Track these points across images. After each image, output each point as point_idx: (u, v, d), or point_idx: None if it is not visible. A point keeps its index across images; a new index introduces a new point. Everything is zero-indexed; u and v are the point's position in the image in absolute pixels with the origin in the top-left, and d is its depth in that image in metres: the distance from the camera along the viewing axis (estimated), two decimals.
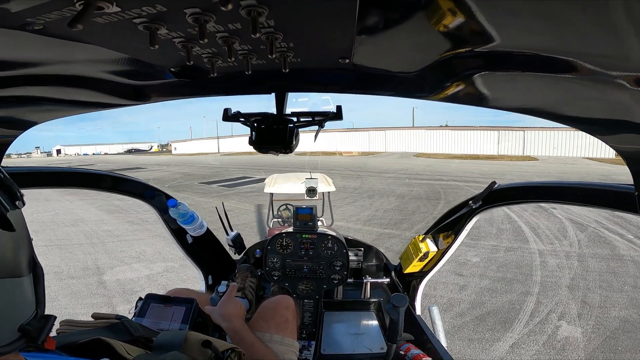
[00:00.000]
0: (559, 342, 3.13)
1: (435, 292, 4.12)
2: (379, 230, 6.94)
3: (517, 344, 3.11)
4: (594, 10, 0.35)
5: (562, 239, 6.09)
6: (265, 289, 1.88)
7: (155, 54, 0.60)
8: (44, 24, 0.43)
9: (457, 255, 5.37)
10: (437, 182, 13.15)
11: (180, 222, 1.55)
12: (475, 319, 3.51)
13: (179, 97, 0.95)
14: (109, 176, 1.41)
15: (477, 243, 5.89)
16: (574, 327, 3.35)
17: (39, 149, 67.25)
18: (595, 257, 5.21)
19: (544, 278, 4.46)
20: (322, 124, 0.89)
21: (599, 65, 0.46)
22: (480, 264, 5.01)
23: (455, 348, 3.05)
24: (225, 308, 0.99)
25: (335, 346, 1.54)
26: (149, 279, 4.74)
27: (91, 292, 4.40)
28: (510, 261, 5.08)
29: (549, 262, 5.01)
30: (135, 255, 5.82)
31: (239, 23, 0.45)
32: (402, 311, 1.05)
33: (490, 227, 6.76)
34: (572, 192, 0.98)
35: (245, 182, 14.85)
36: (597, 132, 0.71)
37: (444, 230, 1.55)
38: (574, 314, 3.58)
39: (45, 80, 0.70)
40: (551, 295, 3.99)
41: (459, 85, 0.71)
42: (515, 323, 3.42)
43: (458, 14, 0.42)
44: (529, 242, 5.96)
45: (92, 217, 8.65)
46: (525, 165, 19.32)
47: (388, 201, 9.81)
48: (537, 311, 3.64)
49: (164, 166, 25.42)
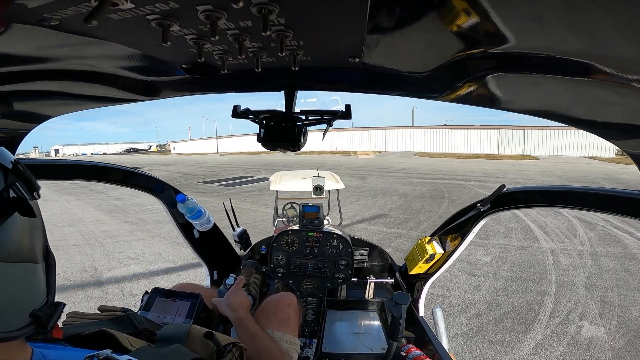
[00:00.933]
0: (584, 342, 3.00)
1: (449, 293, 3.96)
2: (385, 229, 6.79)
3: (541, 345, 2.96)
4: (611, 12, 0.33)
5: (572, 237, 5.97)
6: (270, 286, 1.88)
7: (167, 51, 0.60)
8: (60, 20, 0.43)
9: (468, 254, 5.22)
10: (439, 180, 13.03)
11: (188, 217, 1.55)
12: (494, 320, 3.36)
13: (190, 93, 0.95)
14: (119, 169, 1.41)
15: (486, 242, 5.75)
16: (597, 327, 3.22)
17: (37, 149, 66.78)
18: (608, 255, 5.09)
19: (559, 277, 4.32)
20: (331, 122, 0.88)
21: (616, 68, 0.44)
22: (492, 263, 4.87)
23: (476, 351, 2.90)
24: (231, 298, 1.02)
25: (337, 345, 1.54)
26: (149, 282, 4.56)
27: (88, 295, 4.21)
28: (523, 260, 4.94)
29: (562, 261, 4.87)
30: (134, 256, 5.63)
31: (249, 21, 0.45)
32: (404, 309, 1.04)
33: (498, 226, 6.63)
34: (584, 197, 0.97)
35: (245, 181, 14.70)
36: (612, 137, 0.70)
37: (451, 232, 1.53)
38: (595, 313, 3.45)
39: (60, 75, 0.71)
40: (569, 295, 3.85)
41: (470, 86, 0.69)
42: (536, 324, 3.28)
43: (471, 13, 0.41)
44: (539, 240, 5.83)
45: (89, 217, 8.44)
46: (526, 164, 19.26)
47: (392, 200, 9.67)
48: (557, 311, 3.50)
49: (162, 165, 25.16)
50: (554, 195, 1.10)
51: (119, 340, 0.60)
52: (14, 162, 0.42)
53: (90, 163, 1.31)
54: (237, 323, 0.97)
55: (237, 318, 0.98)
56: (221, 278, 1.81)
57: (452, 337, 3.09)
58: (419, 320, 1.55)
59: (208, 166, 23.18)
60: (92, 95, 0.88)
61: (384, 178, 14.30)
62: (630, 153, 0.69)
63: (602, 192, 0.91)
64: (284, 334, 1.06)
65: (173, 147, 56.32)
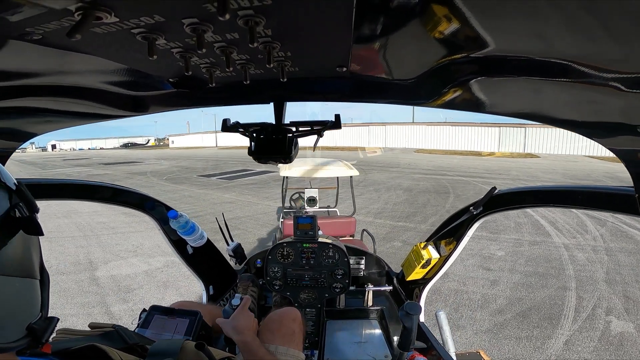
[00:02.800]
0: (615, 337, 2.84)
1: (466, 288, 3.79)
2: (392, 223, 6.60)
3: (571, 341, 2.80)
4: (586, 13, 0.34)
5: (583, 233, 5.83)
6: (267, 298, 1.88)
7: (153, 65, 0.59)
8: (43, 34, 0.42)
9: (481, 248, 5.06)
10: (442, 177, 12.89)
11: (180, 233, 1.52)
12: (518, 316, 3.18)
13: (178, 108, 0.93)
14: (108, 187, 1.40)
15: (498, 237, 5.60)
16: (625, 322, 3.06)
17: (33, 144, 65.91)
18: (623, 251, 4.95)
19: (578, 272, 4.17)
20: (321, 133, 0.88)
21: (594, 68, 0.45)
22: (506, 257, 4.70)
23: (504, 348, 2.72)
24: (238, 321, 0.99)
25: (339, 355, 1.53)
26: (147, 275, 4.31)
27: (82, 289, 3.96)
28: (538, 255, 4.78)
29: (577, 257, 4.72)
30: (131, 248, 5.38)
31: (236, 33, 0.45)
32: (416, 319, 1.06)
33: (508, 221, 6.47)
34: (573, 195, 0.99)
35: (246, 174, 14.45)
36: (595, 135, 0.72)
37: (445, 236, 1.54)
38: (620, 308, 3.29)
39: (44, 91, 0.70)
40: (590, 290, 3.69)
41: (456, 91, 0.70)
42: (562, 319, 3.11)
43: (452, 20, 0.42)
44: (551, 236, 5.68)
45: (85, 208, 8.17)
46: (528, 162, 19.18)
47: (396, 194, 9.49)
48: (581, 306, 3.34)
49: (161, 160, 24.74)
50: (544, 195, 1.12)
51: (109, 355, 0.59)
52: (17, 183, 0.46)
53: (77, 182, 1.31)
54: (244, 347, 0.95)
55: (244, 342, 0.95)
56: (217, 293, 1.81)
57: (477, 334, 2.91)
58: (419, 326, 1.51)
59: (207, 160, 22.85)
60: (77, 112, 0.85)
61: (387, 173, 14.13)
62: (614, 150, 0.71)
63: (589, 189, 0.93)
64: (288, 349, 1.05)
65: (172, 140, 55.70)
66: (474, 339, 2.85)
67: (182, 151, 38.61)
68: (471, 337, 2.87)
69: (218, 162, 20.58)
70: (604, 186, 0.90)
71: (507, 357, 2.61)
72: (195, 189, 11.29)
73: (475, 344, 2.75)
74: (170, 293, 3.81)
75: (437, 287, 3.78)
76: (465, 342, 2.80)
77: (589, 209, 0.95)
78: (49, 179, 1.27)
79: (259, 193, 10.13)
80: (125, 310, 3.43)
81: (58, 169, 20.57)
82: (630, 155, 0.69)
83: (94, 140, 69.60)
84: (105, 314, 3.37)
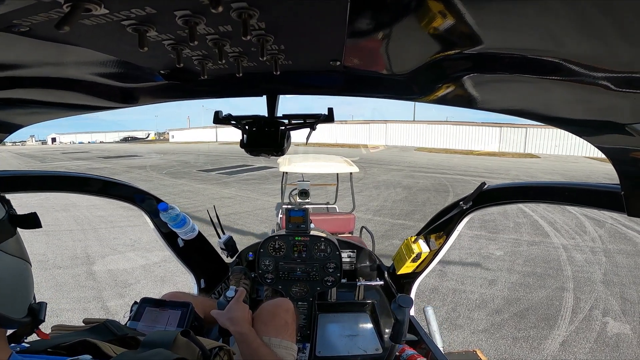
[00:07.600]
0: (611, 338, 2.85)
1: (464, 287, 3.78)
2: (391, 220, 6.59)
3: (567, 342, 2.81)
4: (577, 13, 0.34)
5: (582, 234, 5.84)
6: (259, 291, 1.88)
7: (144, 56, 0.58)
8: (31, 26, 0.42)
9: (479, 248, 5.06)
10: (442, 175, 12.87)
11: (171, 226, 1.50)
12: (515, 316, 3.18)
13: (169, 100, 0.92)
14: (97, 180, 1.37)
15: (496, 236, 5.60)
16: (622, 323, 3.07)
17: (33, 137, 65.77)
18: (621, 253, 4.96)
19: (576, 273, 4.17)
20: (314, 126, 0.87)
21: (584, 67, 0.45)
22: (505, 257, 4.70)
23: (501, 348, 2.72)
24: (233, 312, 1.00)
25: (330, 348, 1.54)
26: (144, 270, 4.30)
27: (79, 284, 3.95)
28: (536, 255, 4.79)
29: (576, 257, 4.72)
30: (129, 243, 5.38)
31: (229, 25, 0.44)
32: (408, 312, 1.07)
33: (507, 221, 6.48)
34: (561, 192, 1.00)
35: (245, 169, 14.41)
36: (584, 133, 0.72)
37: (435, 231, 1.55)
38: (617, 310, 3.30)
39: (32, 82, 0.69)
40: (588, 291, 3.70)
41: (448, 87, 0.70)
42: (559, 320, 3.12)
43: (447, 16, 0.41)
44: (549, 236, 5.68)
45: (84, 202, 8.13)
46: (528, 162, 19.15)
47: (395, 192, 9.47)
48: (578, 307, 3.35)
49: (161, 154, 24.65)
50: (532, 190, 1.13)
51: (101, 349, 0.60)
52: None
53: (67, 174, 1.28)
54: (240, 338, 0.95)
55: (240, 333, 0.96)
56: (209, 286, 1.80)
57: (474, 333, 2.91)
58: (410, 320, 1.53)
59: (207, 154, 22.77)
60: (66, 103, 0.84)
61: (387, 171, 14.09)
62: (602, 148, 0.71)
63: (577, 186, 0.94)
64: (281, 340, 1.05)
65: (172, 135, 55.39)
66: (471, 338, 2.85)
67: (182, 146, 38.49)
68: (468, 337, 2.87)
69: (218, 157, 20.52)
70: (592, 183, 0.91)
71: (504, 357, 2.61)
72: (195, 184, 11.26)
73: (473, 343, 2.75)
74: (168, 288, 3.80)
75: (435, 286, 3.79)
76: (462, 341, 2.80)
77: (576, 206, 0.96)
78: (39, 171, 1.24)
79: (258, 189, 10.11)
80: (121, 305, 3.42)
81: (57, 162, 20.50)
82: (617, 153, 0.70)
83: (94, 133, 69.39)
84: (101, 309, 3.36)
